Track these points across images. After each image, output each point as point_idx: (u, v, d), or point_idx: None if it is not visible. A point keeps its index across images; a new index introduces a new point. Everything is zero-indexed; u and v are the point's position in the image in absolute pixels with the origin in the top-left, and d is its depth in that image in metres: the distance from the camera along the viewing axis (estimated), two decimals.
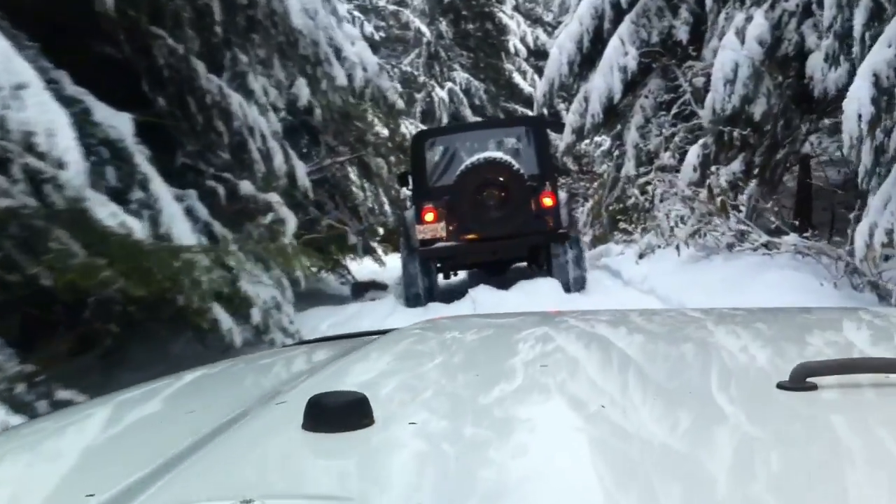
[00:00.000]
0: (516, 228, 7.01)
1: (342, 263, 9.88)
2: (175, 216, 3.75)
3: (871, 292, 5.11)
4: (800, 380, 0.69)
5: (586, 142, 13.48)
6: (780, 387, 0.70)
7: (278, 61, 5.63)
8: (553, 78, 10.98)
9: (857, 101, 4.00)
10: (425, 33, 20.57)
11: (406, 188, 8.47)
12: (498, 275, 8.65)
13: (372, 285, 9.24)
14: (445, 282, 8.68)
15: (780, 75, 6.83)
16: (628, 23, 9.85)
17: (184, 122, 5.02)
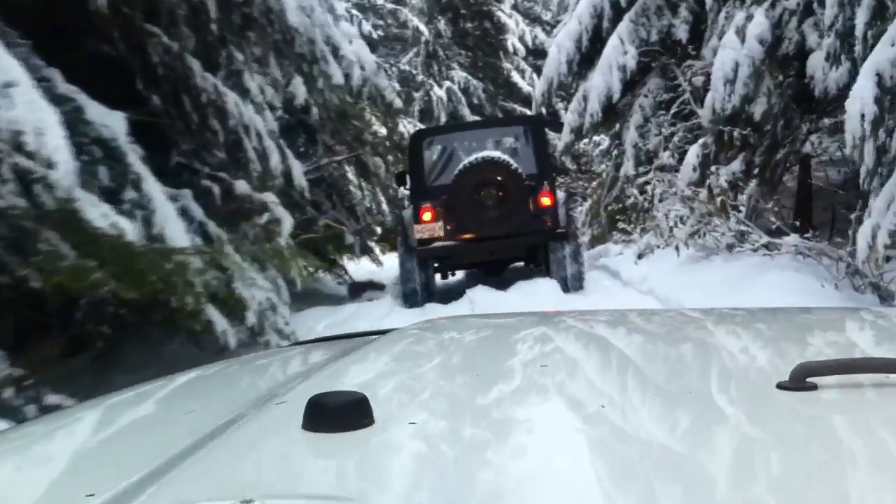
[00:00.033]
0: (514, 228, 6.99)
1: (339, 263, 9.83)
2: (168, 216, 3.69)
3: (872, 294, 5.08)
4: (800, 380, 0.69)
5: (585, 141, 13.44)
6: (780, 387, 0.70)
7: (274, 59, 5.57)
8: (552, 77, 10.94)
9: (859, 101, 3.96)
10: (423, 32, 20.53)
11: (404, 187, 8.43)
12: (496, 275, 8.62)
13: (369, 285, 9.20)
14: (443, 282, 8.64)
15: (780, 74, 6.79)
16: (627, 22, 9.82)
17: (179, 120, 4.97)
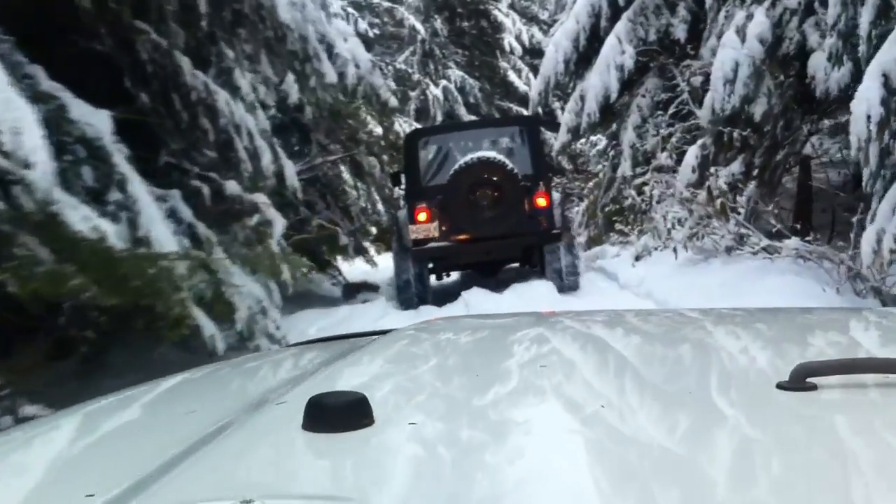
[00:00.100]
0: (510, 229, 6.95)
1: (333, 264, 9.73)
2: (154, 218, 3.58)
3: (874, 298, 4.99)
4: (800, 380, 0.69)
5: (582, 141, 13.35)
6: (780, 387, 0.70)
7: (266, 57, 5.46)
8: (549, 76, 10.86)
9: (865, 102, 3.87)
10: (420, 31, 20.41)
11: (399, 187, 8.35)
12: (490, 276, 8.55)
13: (363, 286, 9.10)
14: (437, 284, 8.55)
15: (780, 74, 6.71)
16: (625, 21, 9.73)
17: (168, 119, 4.87)
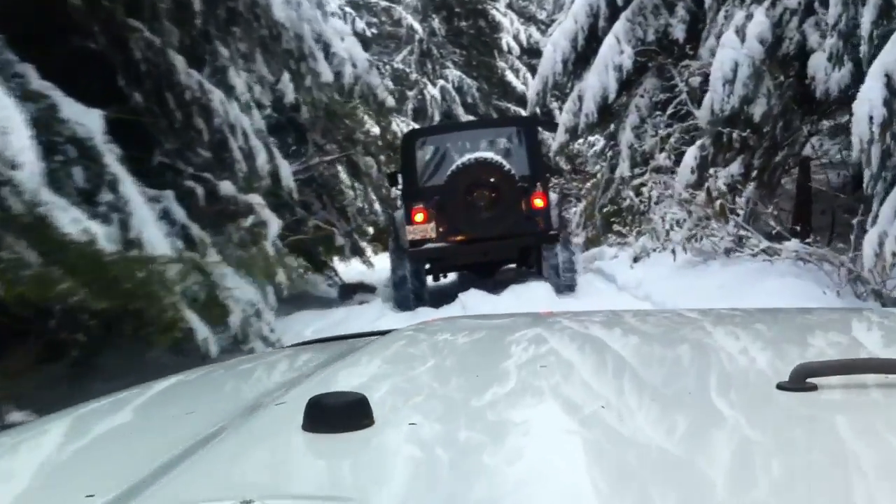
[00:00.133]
0: (507, 229, 6.92)
1: (329, 265, 9.67)
2: (147, 219, 3.52)
3: (875, 301, 4.95)
4: (800, 380, 0.69)
5: (580, 141, 13.30)
6: (780, 387, 0.70)
7: (261, 56, 5.39)
8: (547, 76, 10.81)
9: (868, 103, 3.82)
10: (417, 30, 20.33)
11: (396, 188, 8.30)
12: (488, 277, 8.51)
13: (360, 287, 9.06)
14: (434, 285, 8.50)
15: (780, 75, 6.66)
16: (624, 21, 9.68)
17: (162, 118, 4.80)
